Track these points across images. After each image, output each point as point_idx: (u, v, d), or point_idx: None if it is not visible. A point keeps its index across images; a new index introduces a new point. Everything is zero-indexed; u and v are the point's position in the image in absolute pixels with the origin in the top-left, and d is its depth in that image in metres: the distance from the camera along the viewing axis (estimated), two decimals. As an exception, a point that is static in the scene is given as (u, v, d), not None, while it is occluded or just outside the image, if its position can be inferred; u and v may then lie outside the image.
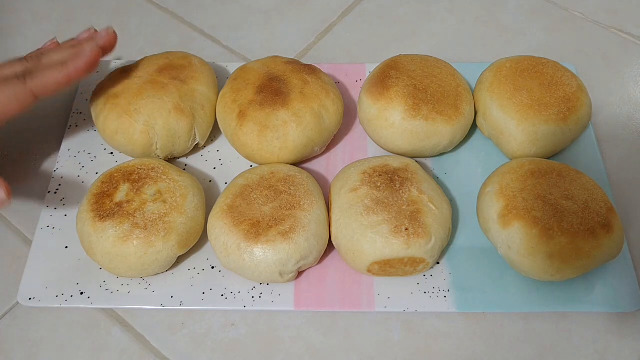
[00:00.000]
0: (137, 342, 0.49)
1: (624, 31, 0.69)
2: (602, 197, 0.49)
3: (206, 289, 0.50)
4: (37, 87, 0.49)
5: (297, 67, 0.57)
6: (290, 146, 0.53)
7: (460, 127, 0.55)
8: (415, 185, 0.50)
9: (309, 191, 0.50)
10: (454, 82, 0.56)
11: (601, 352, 0.48)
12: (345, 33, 0.70)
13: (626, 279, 0.50)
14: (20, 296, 0.49)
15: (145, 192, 0.50)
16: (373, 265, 0.48)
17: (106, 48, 0.53)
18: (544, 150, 0.54)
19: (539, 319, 0.49)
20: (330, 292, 0.50)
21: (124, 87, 0.55)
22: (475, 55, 0.67)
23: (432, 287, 0.50)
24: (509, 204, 0.48)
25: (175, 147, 0.55)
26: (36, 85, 0.49)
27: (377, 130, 0.55)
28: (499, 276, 0.50)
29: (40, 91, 0.49)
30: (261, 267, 0.47)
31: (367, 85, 0.57)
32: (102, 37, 0.53)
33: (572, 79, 0.55)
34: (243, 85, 0.55)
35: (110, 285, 0.50)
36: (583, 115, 0.54)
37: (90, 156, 0.58)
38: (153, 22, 0.71)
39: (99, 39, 0.53)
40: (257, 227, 0.48)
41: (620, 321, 0.49)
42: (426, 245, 0.47)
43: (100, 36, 0.53)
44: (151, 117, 0.53)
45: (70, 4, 0.73)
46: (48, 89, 0.49)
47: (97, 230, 0.48)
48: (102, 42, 0.53)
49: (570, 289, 0.49)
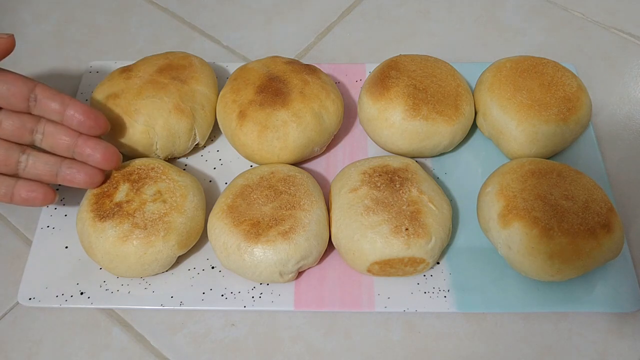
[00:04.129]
0: (137, 342, 0.49)
1: (624, 31, 0.69)
2: (602, 197, 0.49)
3: (206, 289, 0.50)
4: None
5: (297, 67, 0.57)
6: (290, 146, 0.53)
7: (460, 127, 0.55)
8: (415, 185, 0.50)
9: (309, 191, 0.50)
10: (454, 82, 0.56)
11: (601, 352, 0.48)
12: (345, 33, 0.70)
13: (626, 279, 0.50)
14: (20, 296, 0.49)
15: (145, 192, 0.50)
16: (373, 265, 0.48)
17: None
18: (544, 150, 0.54)
19: (539, 319, 0.49)
20: (330, 292, 0.50)
21: (124, 87, 0.55)
22: (475, 55, 0.67)
23: (432, 287, 0.50)
24: (509, 204, 0.48)
25: (175, 147, 0.55)
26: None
27: (377, 130, 0.55)
28: (499, 276, 0.50)
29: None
30: (261, 267, 0.47)
31: (367, 85, 0.57)
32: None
33: (572, 79, 0.55)
34: (243, 85, 0.55)
35: (110, 285, 0.50)
36: (583, 115, 0.54)
37: (90, 156, 0.58)
38: (153, 22, 0.71)
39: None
40: (257, 227, 0.48)
41: (620, 321, 0.49)
42: (426, 245, 0.47)
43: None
44: (151, 117, 0.53)
45: (70, 4, 0.73)
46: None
47: (97, 230, 0.48)
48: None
49: (570, 289, 0.49)
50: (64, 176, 0.49)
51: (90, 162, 0.49)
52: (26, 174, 0.49)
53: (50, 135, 0.49)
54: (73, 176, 0.49)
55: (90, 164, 0.49)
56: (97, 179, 0.50)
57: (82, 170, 0.49)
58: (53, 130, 0.49)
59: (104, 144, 0.49)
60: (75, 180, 0.49)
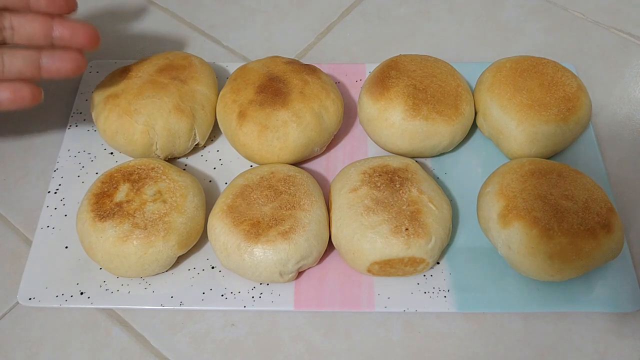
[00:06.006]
0: (137, 342, 0.49)
1: (624, 31, 0.69)
2: (602, 197, 0.49)
3: (206, 289, 0.50)
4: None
5: (297, 67, 0.57)
6: (290, 146, 0.53)
7: (460, 127, 0.55)
8: (415, 185, 0.50)
9: (309, 191, 0.50)
10: (454, 82, 0.56)
11: (601, 352, 0.48)
12: (345, 33, 0.70)
13: (626, 279, 0.50)
14: (20, 296, 0.49)
15: (145, 192, 0.50)
16: (373, 265, 0.48)
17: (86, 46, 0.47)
18: (544, 150, 0.54)
19: (539, 319, 0.49)
20: (330, 292, 0.50)
21: (124, 87, 0.55)
22: (475, 55, 0.67)
23: (432, 287, 0.50)
24: (509, 204, 0.48)
25: (175, 147, 0.55)
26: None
27: (377, 130, 0.55)
28: (499, 276, 0.50)
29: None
30: (261, 267, 0.47)
31: (367, 85, 0.57)
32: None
33: (572, 79, 0.55)
34: (243, 85, 0.55)
35: (110, 285, 0.50)
36: (583, 115, 0.54)
37: (90, 156, 0.58)
38: (153, 22, 0.71)
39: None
40: (257, 227, 0.48)
41: (620, 321, 0.49)
42: (426, 245, 0.47)
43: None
44: (151, 117, 0.53)
45: (70, 4, 0.73)
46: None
47: (97, 230, 0.48)
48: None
49: (570, 289, 0.49)
50: (48, 68, 0.45)
51: (74, 44, 0.46)
52: (6, 75, 0.45)
53: (20, 26, 0.45)
54: (58, 66, 0.46)
55: (73, 46, 0.46)
56: (82, 64, 0.47)
57: (65, 58, 0.46)
58: (22, 20, 0.45)
59: (81, 23, 0.46)
60: (62, 70, 0.46)
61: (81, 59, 0.47)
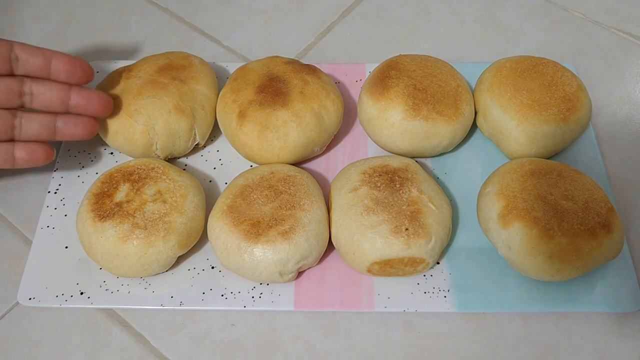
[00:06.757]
0: (137, 342, 0.49)
1: (624, 31, 0.69)
2: (602, 197, 0.49)
3: (206, 289, 0.50)
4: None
5: (297, 67, 0.57)
6: (290, 146, 0.53)
7: (460, 127, 0.55)
8: (415, 185, 0.50)
9: (309, 191, 0.50)
10: (454, 82, 0.56)
11: (601, 352, 0.48)
12: (345, 33, 0.70)
13: (626, 279, 0.50)
14: (20, 296, 0.49)
15: (145, 192, 0.50)
16: (373, 265, 0.48)
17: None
18: (544, 150, 0.54)
19: (539, 319, 0.49)
20: (330, 292, 0.50)
21: (124, 87, 0.55)
22: (475, 55, 0.67)
23: (432, 287, 0.50)
24: (509, 204, 0.48)
25: (175, 147, 0.55)
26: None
27: (377, 130, 0.55)
28: (499, 276, 0.50)
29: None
30: (261, 267, 0.47)
31: (367, 85, 0.57)
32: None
33: (572, 79, 0.55)
34: (243, 85, 0.55)
35: (110, 285, 0.50)
36: (583, 115, 0.54)
37: (90, 156, 0.58)
38: (153, 22, 0.71)
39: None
40: (257, 227, 0.48)
41: (620, 321, 0.49)
42: (426, 245, 0.47)
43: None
44: (151, 117, 0.53)
45: (70, 4, 0.73)
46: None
47: (97, 230, 0.48)
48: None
49: (570, 289, 0.49)
50: (62, 132, 0.49)
51: (89, 112, 0.49)
52: (23, 137, 0.48)
53: (40, 94, 0.48)
54: (72, 131, 0.49)
55: (87, 114, 0.49)
56: (95, 129, 0.50)
57: (79, 123, 0.49)
58: (42, 88, 0.48)
59: (95, 92, 0.49)
60: (76, 134, 0.49)
61: (94, 124, 0.51)
